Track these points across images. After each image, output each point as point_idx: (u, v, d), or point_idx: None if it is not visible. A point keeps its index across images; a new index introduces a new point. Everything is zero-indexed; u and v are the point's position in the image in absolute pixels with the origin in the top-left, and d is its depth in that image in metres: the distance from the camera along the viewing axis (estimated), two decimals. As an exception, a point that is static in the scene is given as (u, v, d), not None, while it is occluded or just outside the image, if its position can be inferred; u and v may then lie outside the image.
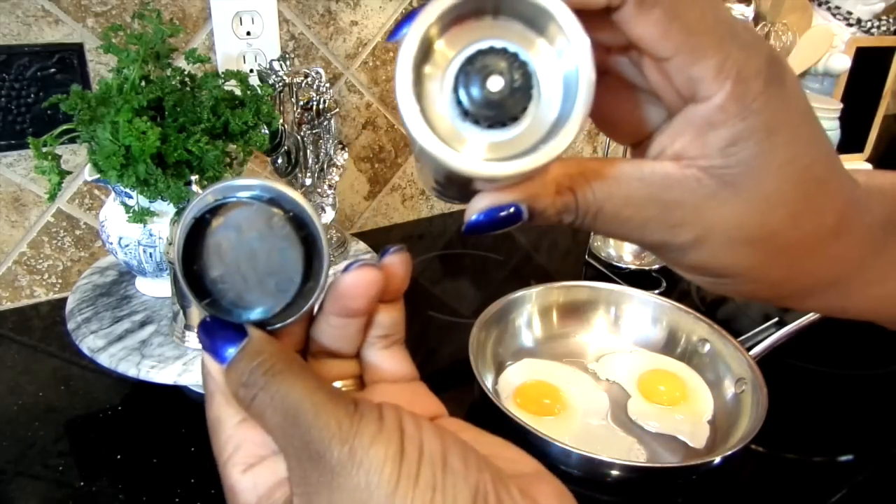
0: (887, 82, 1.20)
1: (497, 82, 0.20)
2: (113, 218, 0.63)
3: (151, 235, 0.62)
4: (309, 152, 0.72)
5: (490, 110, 0.20)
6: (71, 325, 0.63)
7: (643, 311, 0.75)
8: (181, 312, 0.59)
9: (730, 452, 0.55)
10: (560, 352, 0.72)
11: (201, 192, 0.24)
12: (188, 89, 0.61)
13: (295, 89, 0.69)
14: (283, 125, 0.70)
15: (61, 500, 0.54)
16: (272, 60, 0.70)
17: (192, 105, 0.59)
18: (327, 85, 0.69)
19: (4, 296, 0.78)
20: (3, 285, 0.77)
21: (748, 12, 1.02)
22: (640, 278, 0.91)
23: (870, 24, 1.14)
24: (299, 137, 0.71)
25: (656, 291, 0.87)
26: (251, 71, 0.81)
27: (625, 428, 0.62)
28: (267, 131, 0.64)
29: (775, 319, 0.75)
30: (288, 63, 0.69)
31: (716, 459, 0.55)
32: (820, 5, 1.14)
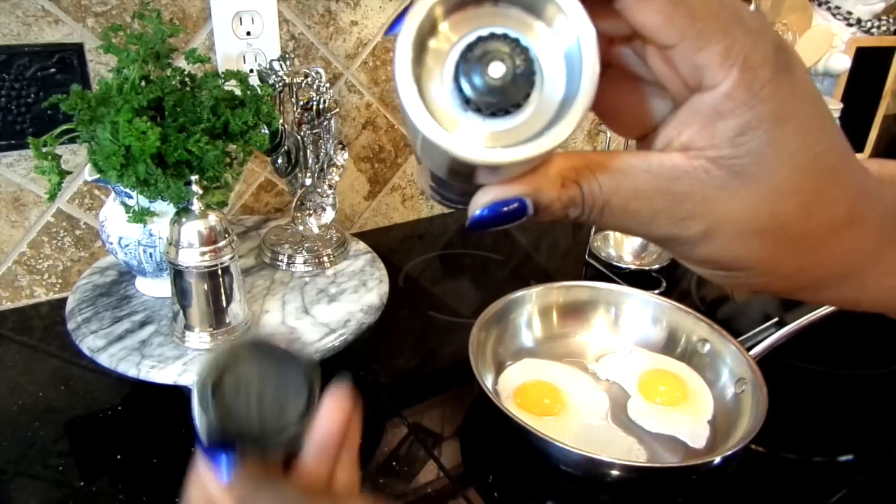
0: (887, 82, 1.20)
1: (499, 68, 0.20)
2: (113, 218, 0.63)
3: (151, 235, 0.62)
4: (309, 152, 0.72)
5: (492, 97, 0.20)
6: (71, 325, 0.63)
7: (643, 311, 0.75)
8: (181, 312, 0.59)
9: (730, 452, 0.55)
10: (560, 352, 0.72)
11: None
12: (188, 89, 0.62)
13: (295, 89, 0.69)
14: (283, 125, 0.70)
15: (61, 500, 0.54)
16: (272, 60, 0.70)
17: (192, 105, 0.59)
18: (327, 85, 0.69)
19: (4, 296, 0.78)
20: (3, 285, 0.77)
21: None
22: (640, 278, 0.91)
23: (870, 24, 1.14)
24: (299, 137, 0.71)
25: (656, 291, 0.87)
26: (251, 71, 0.81)
27: (625, 428, 0.62)
28: (267, 131, 0.64)
29: (775, 319, 0.75)
30: (288, 63, 0.69)
31: (716, 459, 0.55)
32: (820, 5, 1.14)
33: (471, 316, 0.71)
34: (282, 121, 0.69)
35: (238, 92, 0.63)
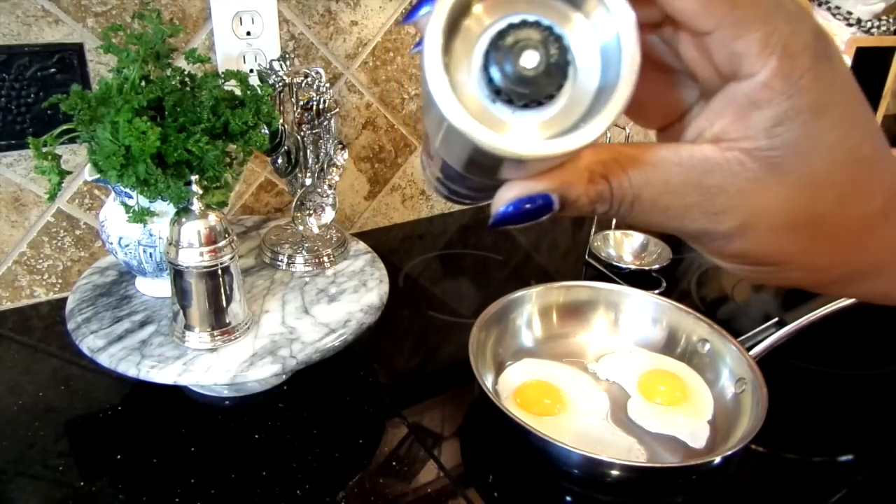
0: (887, 82, 1.20)
1: (532, 57, 0.19)
2: (113, 218, 0.63)
3: (151, 235, 0.62)
4: (309, 152, 0.72)
5: (525, 88, 0.19)
6: (71, 325, 0.63)
7: (643, 311, 0.75)
8: (181, 312, 0.59)
9: (730, 452, 0.55)
10: (560, 352, 0.72)
11: None
12: (188, 89, 0.61)
13: (295, 89, 0.69)
14: (283, 125, 0.70)
15: (61, 500, 0.54)
16: (272, 60, 0.70)
17: (192, 105, 0.59)
18: (327, 85, 0.69)
19: (4, 296, 0.78)
20: (3, 285, 0.77)
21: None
22: (640, 278, 0.91)
23: (870, 24, 1.14)
24: (299, 137, 0.71)
25: (656, 291, 0.87)
26: (251, 71, 0.81)
27: (625, 428, 0.62)
28: (267, 131, 0.64)
29: (775, 319, 0.75)
30: (288, 63, 0.69)
31: (716, 459, 0.55)
32: (820, 5, 1.14)
33: (471, 316, 0.71)
34: (282, 121, 0.69)
35: (238, 92, 0.63)
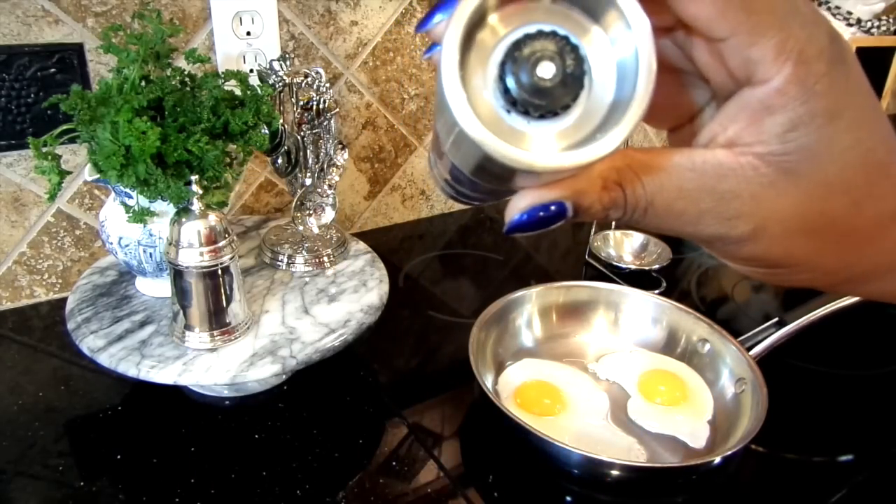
0: (887, 82, 1.20)
1: (549, 68, 0.18)
2: (113, 218, 0.63)
3: (151, 235, 0.62)
4: (309, 152, 0.72)
5: (541, 99, 0.19)
6: (71, 325, 0.63)
7: (643, 311, 0.75)
8: (181, 312, 0.59)
9: (730, 452, 0.55)
10: (560, 352, 0.72)
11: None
12: (188, 89, 0.61)
13: (295, 89, 0.69)
14: (283, 125, 0.70)
15: (61, 500, 0.54)
16: (272, 60, 0.70)
17: (192, 105, 0.59)
18: (327, 85, 0.69)
19: (4, 296, 0.78)
20: (3, 285, 0.77)
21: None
22: (640, 278, 0.91)
23: (870, 24, 1.14)
24: (299, 137, 0.71)
25: (656, 291, 0.87)
26: (251, 71, 0.81)
27: (625, 428, 0.62)
28: (267, 131, 0.64)
29: (775, 319, 0.75)
30: (288, 63, 0.69)
31: (716, 459, 0.55)
32: (820, 5, 1.14)
33: (471, 316, 0.71)
34: (282, 121, 0.69)
35: (238, 92, 0.63)
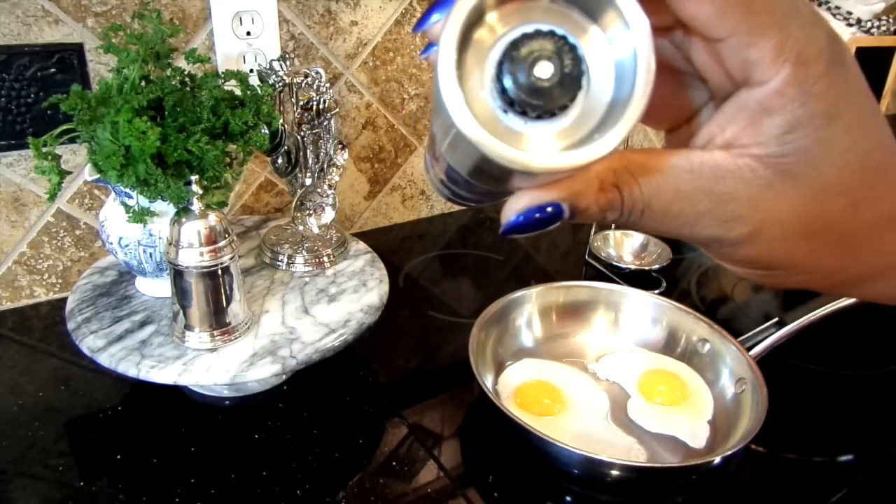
0: (887, 82, 1.20)
1: (546, 68, 0.18)
2: (113, 218, 0.63)
3: (151, 235, 0.62)
4: (309, 152, 0.72)
5: (538, 99, 0.18)
6: (71, 325, 0.63)
7: (643, 311, 0.75)
8: (181, 312, 0.59)
9: (730, 452, 0.55)
10: (560, 352, 0.72)
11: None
12: (188, 89, 0.61)
13: (295, 89, 0.69)
14: (283, 125, 0.70)
15: (61, 500, 0.54)
16: (272, 60, 0.70)
17: (192, 105, 0.59)
18: (327, 85, 0.69)
19: (4, 296, 0.78)
20: (3, 285, 0.77)
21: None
22: (640, 278, 0.91)
23: (870, 24, 1.14)
24: (299, 137, 0.71)
25: (656, 291, 0.87)
26: (251, 71, 0.81)
27: (625, 428, 0.62)
28: (267, 131, 0.64)
29: (775, 319, 0.75)
30: (288, 63, 0.69)
31: (716, 459, 0.55)
32: (820, 5, 1.14)
33: (471, 316, 0.71)
34: (282, 121, 0.69)
35: (238, 92, 0.63)
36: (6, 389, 0.65)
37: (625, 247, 0.98)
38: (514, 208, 0.22)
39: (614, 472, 0.56)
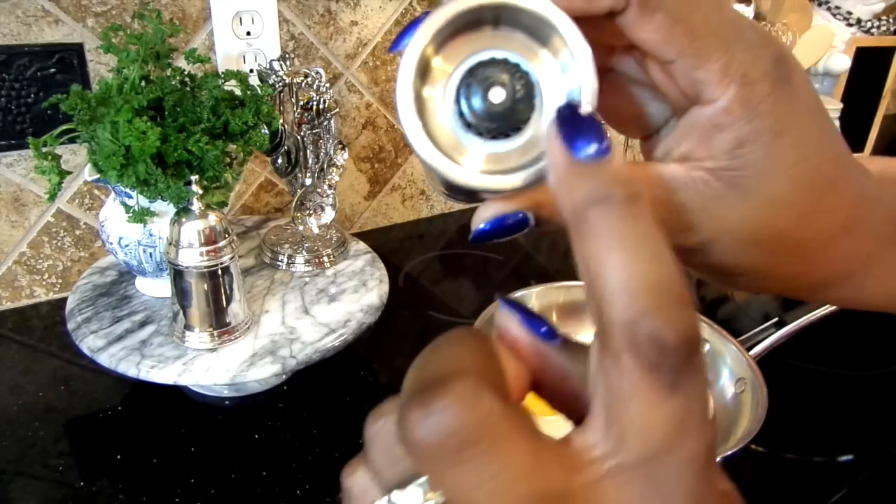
0: (887, 82, 1.20)
1: (499, 94, 0.20)
2: (113, 218, 0.64)
3: (151, 235, 0.62)
4: (309, 152, 0.72)
5: (492, 122, 0.20)
6: (71, 325, 0.63)
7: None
8: (181, 312, 0.59)
9: (730, 452, 0.55)
10: (560, 352, 0.72)
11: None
12: (188, 89, 0.62)
13: (295, 89, 0.69)
14: (283, 125, 0.70)
15: (61, 500, 0.54)
16: (272, 60, 0.70)
17: (192, 105, 0.59)
18: (327, 85, 0.69)
19: (4, 296, 0.78)
20: (3, 285, 0.77)
21: (748, 12, 1.02)
22: (640, 278, 0.91)
23: (870, 24, 1.14)
24: (299, 137, 0.71)
25: (656, 291, 0.86)
26: (251, 71, 0.81)
27: (625, 428, 0.62)
28: (267, 131, 0.64)
29: (775, 319, 0.75)
30: (288, 63, 0.69)
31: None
32: (820, 5, 1.14)
33: (471, 316, 0.71)
34: (282, 121, 0.69)
35: (238, 92, 0.63)
36: (6, 389, 0.65)
37: (625, 247, 0.98)
38: (481, 217, 0.23)
39: (614, 472, 0.56)
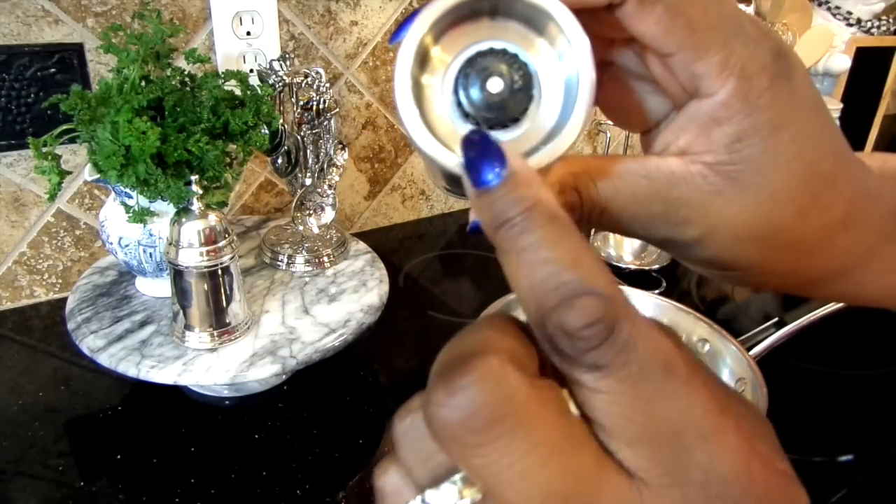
0: (887, 82, 1.20)
1: (497, 84, 0.20)
2: (113, 218, 0.64)
3: (151, 235, 0.62)
4: (309, 152, 0.72)
5: (490, 112, 0.20)
6: (71, 325, 0.63)
7: (643, 311, 0.75)
8: (181, 312, 0.59)
9: (730, 452, 0.55)
10: (560, 352, 0.72)
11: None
12: (188, 89, 0.62)
13: (295, 89, 0.69)
14: (283, 125, 0.70)
15: (61, 500, 0.54)
16: (272, 60, 0.70)
17: (192, 105, 0.59)
18: (327, 85, 0.69)
19: (4, 296, 0.78)
20: (3, 285, 0.77)
21: (748, 12, 1.02)
22: (640, 278, 0.91)
23: (870, 24, 1.14)
24: (299, 137, 0.71)
25: (656, 291, 0.87)
26: (251, 71, 0.81)
27: (625, 428, 0.62)
28: (267, 131, 0.64)
29: (775, 319, 0.75)
30: (288, 63, 0.69)
31: (716, 459, 0.55)
32: (820, 5, 1.14)
33: (471, 316, 0.71)
34: (282, 121, 0.69)
35: (238, 92, 0.63)
36: (6, 389, 0.65)
37: (625, 247, 0.98)
38: None
39: (614, 472, 0.56)
